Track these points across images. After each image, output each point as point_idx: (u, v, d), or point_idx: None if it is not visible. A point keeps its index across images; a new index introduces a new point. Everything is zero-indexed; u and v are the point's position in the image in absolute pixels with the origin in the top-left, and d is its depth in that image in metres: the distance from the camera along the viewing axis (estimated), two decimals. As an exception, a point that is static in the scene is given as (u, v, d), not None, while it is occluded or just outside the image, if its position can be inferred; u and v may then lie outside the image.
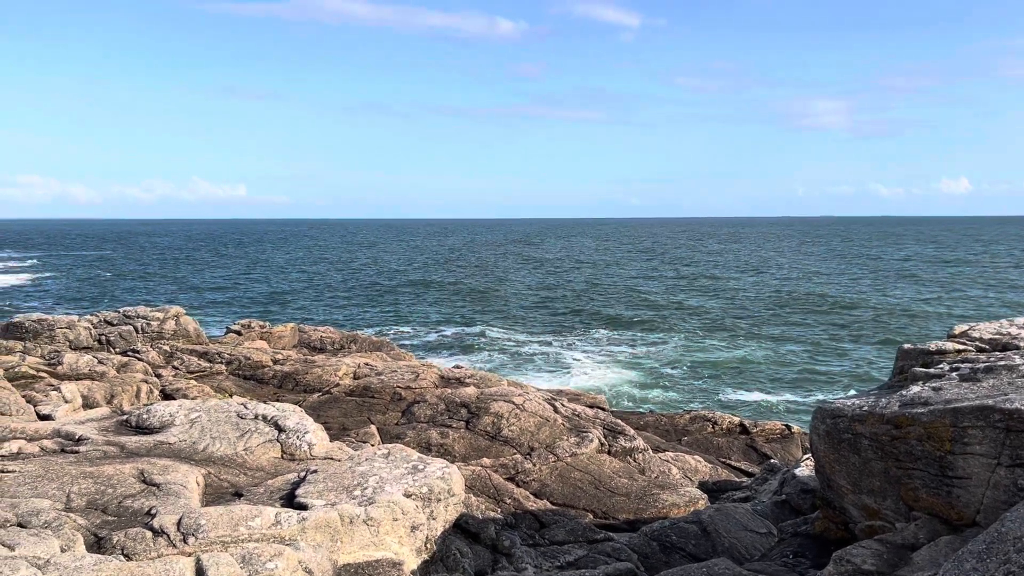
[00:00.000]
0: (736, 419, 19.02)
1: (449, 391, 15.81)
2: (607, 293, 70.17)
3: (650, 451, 14.18)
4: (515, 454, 13.62)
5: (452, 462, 12.67)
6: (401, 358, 23.51)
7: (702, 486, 13.17)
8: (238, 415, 10.03)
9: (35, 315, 20.64)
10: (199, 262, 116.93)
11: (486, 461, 13.18)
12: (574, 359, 38.94)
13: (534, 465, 13.21)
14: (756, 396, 31.92)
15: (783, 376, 35.42)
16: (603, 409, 17.78)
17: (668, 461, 13.99)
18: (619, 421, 15.22)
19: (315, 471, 8.52)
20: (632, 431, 14.74)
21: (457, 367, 20.12)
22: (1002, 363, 6.45)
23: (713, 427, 18.72)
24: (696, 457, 14.79)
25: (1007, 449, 5.49)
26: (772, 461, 14.29)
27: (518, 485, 12.58)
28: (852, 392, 25.27)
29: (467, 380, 17.08)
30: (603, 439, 13.98)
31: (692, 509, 11.55)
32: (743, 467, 16.09)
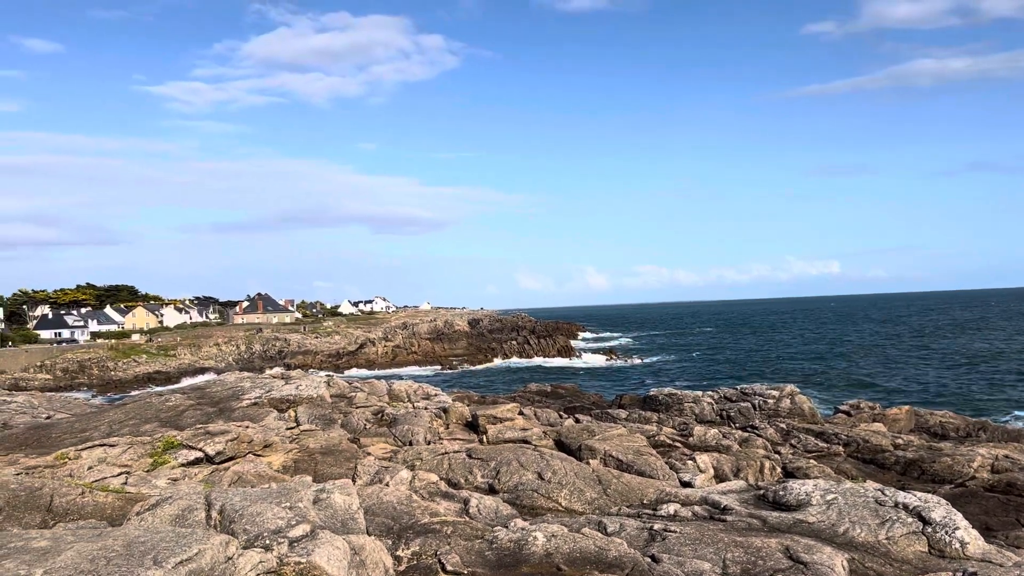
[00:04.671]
0: None
1: None
2: None
3: None
4: None
5: None
6: (1047, 452, 20.03)
7: None
8: (876, 501, 9.67)
9: (667, 390, 23.26)
10: (793, 338, 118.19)
11: None
12: None
13: None
14: None
15: None
16: None
17: None
18: None
19: (974, 573, 7.69)
20: None
21: None
22: None
23: None
24: None
25: None
26: None
27: None
28: None
29: None
30: None
31: None
32: None
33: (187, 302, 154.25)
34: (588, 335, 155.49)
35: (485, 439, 18.07)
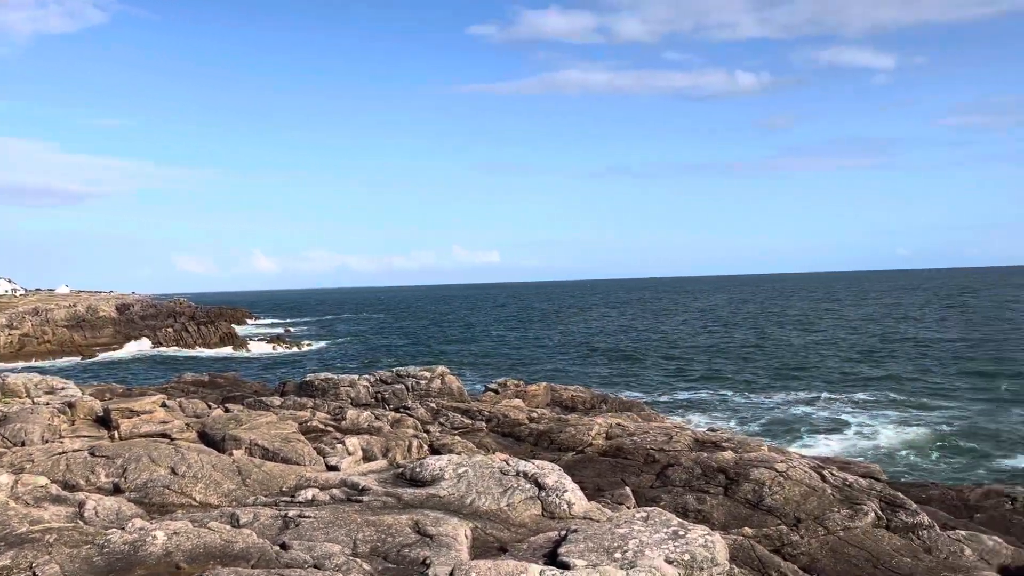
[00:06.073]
0: (1042, 495, 16.59)
1: (705, 455, 15.33)
2: (871, 350, 64.80)
3: (937, 528, 12.73)
4: (779, 524, 12.84)
5: (711, 529, 12.21)
6: (652, 419, 23.23)
7: (1003, 571, 11.56)
8: (501, 471, 10.43)
9: (323, 375, 23.05)
10: (456, 323, 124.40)
11: (748, 530, 12.54)
12: (839, 423, 36.20)
13: (801, 537, 12.37)
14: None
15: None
16: (877, 479, 16.29)
17: (959, 540, 12.46)
18: (898, 493, 13.87)
19: (575, 530, 8.59)
20: (914, 505, 13.36)
21: (712, 430, 19.49)
22: None
23: (1012, 504, 16.47)
24: (994, 538, 13.02)
25: None
26: (1094, 548, 12.23)
27: (784, 558, 11.81)
28: None
29: (724, 444, 16.48)
30: (880, 512, 12.79)
31: (993, 598, 10.16)
32: (1055, 552, 13.91)
33: None
34: (256, 321, 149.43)
35: (117, 435, 16.44)
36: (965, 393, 43.26)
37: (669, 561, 7.81)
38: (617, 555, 7.86)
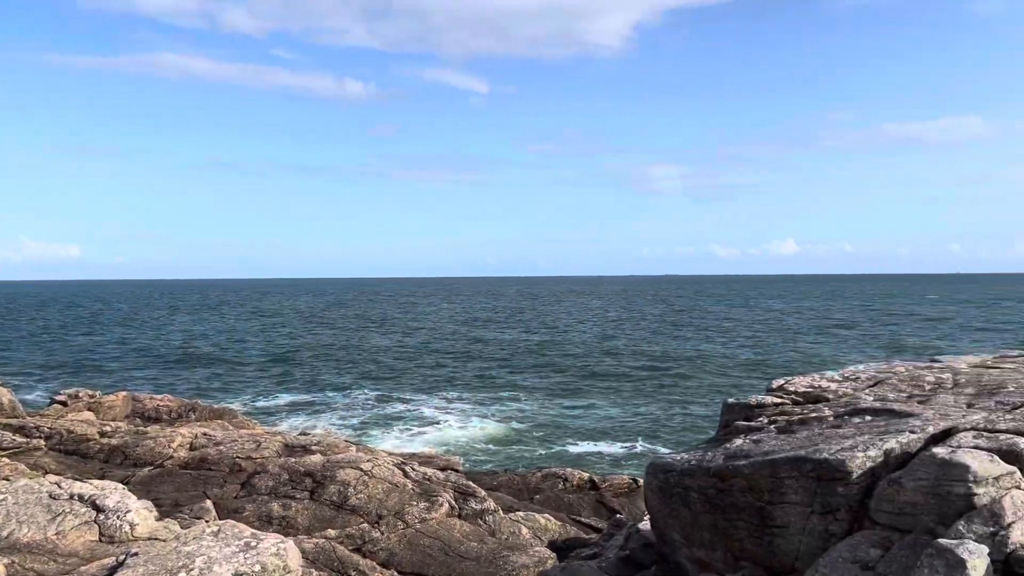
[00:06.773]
0: (586, 475, 19.32)
1: (293, 460, 15.19)
2: (461, 352, 70.26)
3: (500, 512, 14.11)
4: (362, 523, 13.19)
5: (295, 535, 12.11)
6: (244, 426, 22.43)
7: (551, 545, 13.20)
8: (50, 495, 9.18)
9: None
10: (21, 327, 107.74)
11: (331, 532, 12.69)
12: (430, 420, 38.55)
13: (382, 534, 12.83)
14: (606, 450, 32.66)
15: (631, 430, 36.48)
16: (456, 471, 17.60)
17: (518, 521, 13.96)
18: (470, 483, 15.10)
19: (135, 554, 7.89)
20: (483, 492, 14.64)
21: (303, 434, 19.40)
22: (813, 415, 6.92)
23: (564, 484, 18.92)
24: (546, 515, 14.84)
25: (819, 497, 5.84)
26: (619, 516, 14.55)
27: (364, 556, 12.16)
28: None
29: (313, 447, 16.49)
30: (453, 502, 13.80)
31: (541, 570, 11.54)
32: (593, 523, 16.30)
33: None
34: None
35: None
36: (536, 389, 48.93)
37: (239, 575, 7.54)
38: (181, 575, 7.38)
